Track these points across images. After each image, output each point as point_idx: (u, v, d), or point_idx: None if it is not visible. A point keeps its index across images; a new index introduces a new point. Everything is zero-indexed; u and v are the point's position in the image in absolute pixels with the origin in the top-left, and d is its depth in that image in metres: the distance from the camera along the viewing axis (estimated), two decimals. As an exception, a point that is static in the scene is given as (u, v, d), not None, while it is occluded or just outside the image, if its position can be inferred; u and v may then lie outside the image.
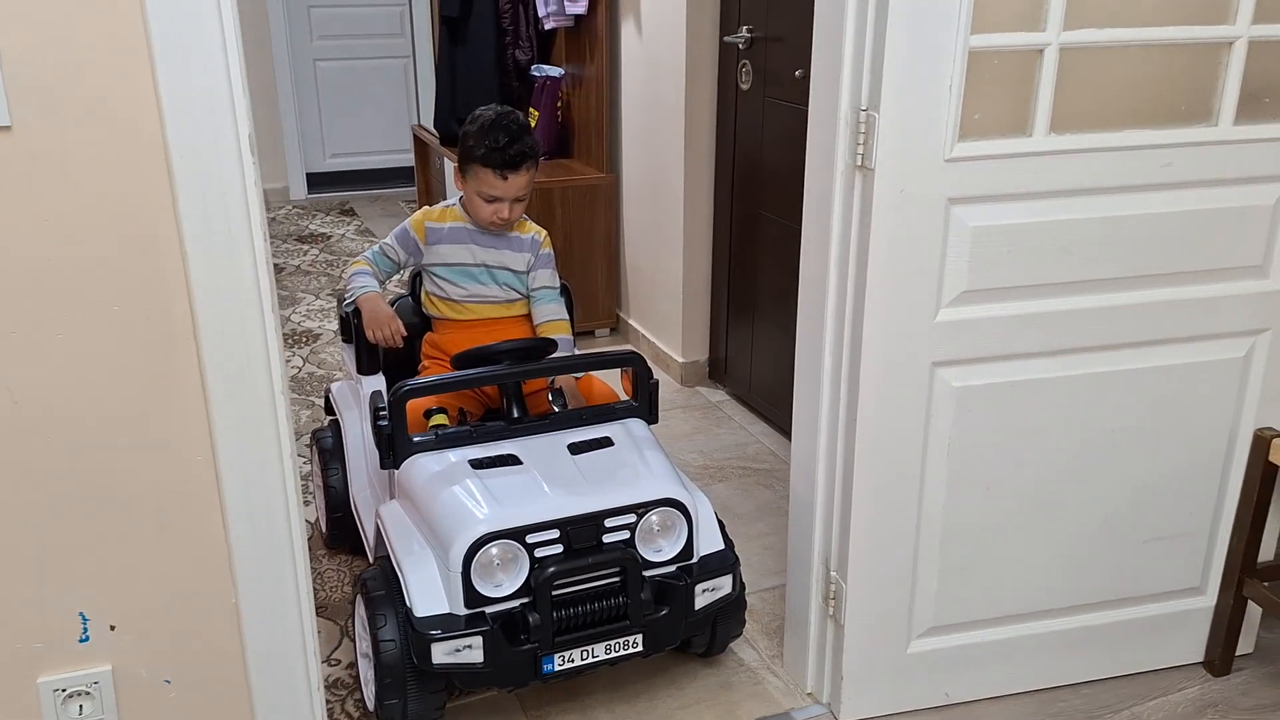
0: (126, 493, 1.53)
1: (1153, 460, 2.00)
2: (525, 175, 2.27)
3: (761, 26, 3.00)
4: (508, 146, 2.22)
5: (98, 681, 1.60)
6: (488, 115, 2.29)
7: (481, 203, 2.28)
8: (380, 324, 2.30)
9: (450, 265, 2.35)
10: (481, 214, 2.30)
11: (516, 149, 2.23)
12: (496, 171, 2.23)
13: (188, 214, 1.42)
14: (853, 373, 1.83)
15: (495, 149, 2.22)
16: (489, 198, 2.27)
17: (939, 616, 2.00)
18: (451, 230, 2.35)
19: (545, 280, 2.39)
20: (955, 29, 1.65)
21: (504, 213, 2.28)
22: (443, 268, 2.35)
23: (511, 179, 2.25)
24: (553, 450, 1.99)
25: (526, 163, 2.26)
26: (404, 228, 2.40)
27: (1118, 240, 1.84)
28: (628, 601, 1.87)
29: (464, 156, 2.29)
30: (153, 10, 1.33)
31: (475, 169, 2.26)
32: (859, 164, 1.73)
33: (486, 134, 2.24)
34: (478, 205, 2.29)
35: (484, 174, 2.25)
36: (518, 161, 2.24)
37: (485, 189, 2.26)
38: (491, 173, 2.24)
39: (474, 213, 2.32)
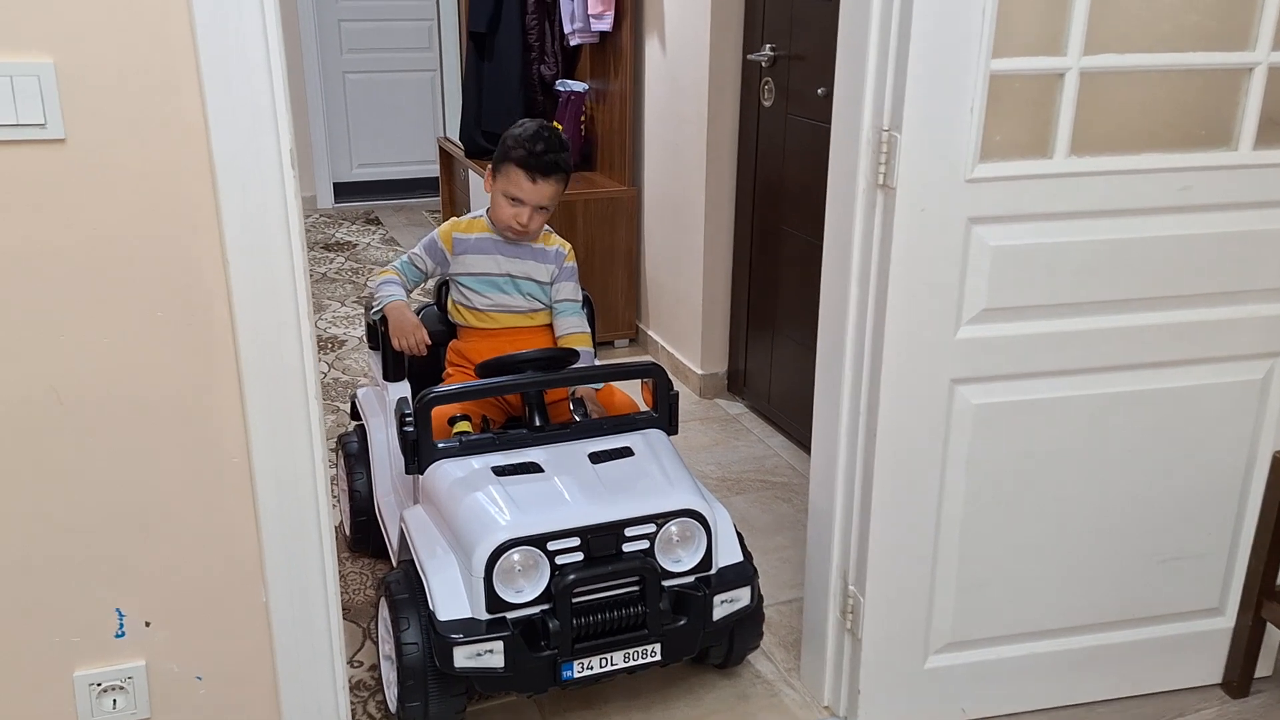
0: (164, 492, 1.57)
1: (1171, 480, 2.02)
2: (553, 186, 2.32)
3: (785, 45, 3.04)
4: (544, 153, 2.29)
5: (131, 676, 1.64)
6: (530, 125, 2.37)
7: (505, 203, 2.32)
8: (406, 333, 2.34)
9: (476, 275, 2.39)
10: (502, 214, 2.33)
11: (551, 157, 2.30)
12: (528, 174, 2.29)
13: (230, 224, 1.47)
14: (872, 388, 1.86)
15: (532, 153, 2.29)
16: (513, 198, 2.31)
17: (956, 632, 2.02)
18: (478, 241, 2.40)
19: (568, 293, 2.43)
20: (977, 52, 1.68)
21: (523, 218, 2.32)
22: (468, 277, 2.40)
23: (540, 184, 2.30)
24: (574, 459, 2.02)
25: (557, 174, 2.32)
26: (432, 238, 2.45)
27: (1137, 262, 1.86)
28: (646, 611, 1.90)
29: (499, 156, 2.35)
30: (202, 29, 1.38)
31: (508, 168, 2.32)
32: (880, 183, 1.77)
33: (526, 139, 2.31)
34: (501, 205, 2.33)
35: (515, 174, 2.30)
36: (549, 169, 2.30)
37: (513, 189, 2.31)
38: (523, 174, 2.29)
39: (495, 212, 2.36)
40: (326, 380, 3.73)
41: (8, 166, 1.37)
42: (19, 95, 1.33)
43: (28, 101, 1.34)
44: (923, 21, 1.65)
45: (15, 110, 1.34)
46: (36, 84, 1.34)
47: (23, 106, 1.34)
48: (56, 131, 1.37)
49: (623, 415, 2.19)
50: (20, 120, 1.34)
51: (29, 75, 1.33)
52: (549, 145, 2.30)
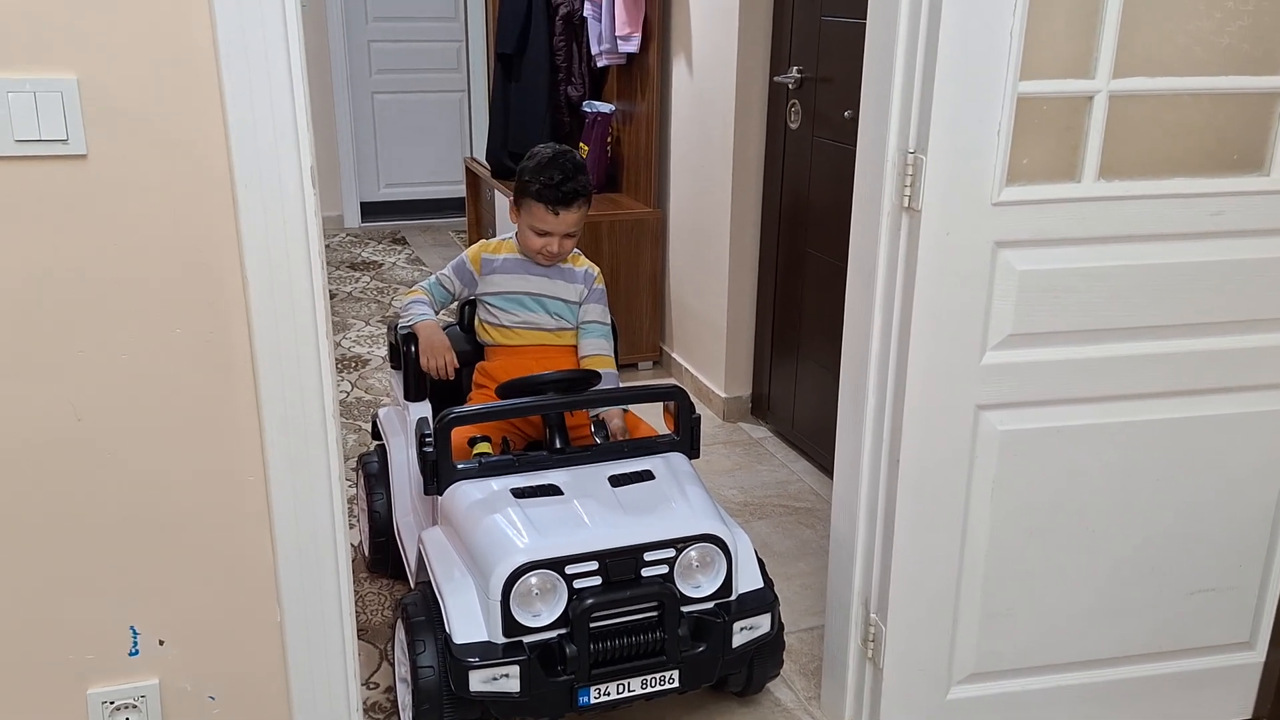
0: (180, 510, 1.57)
1: (1200, 511, 1.97)
2: (576, 212, 2.33)
3: (812, 67, 3.03)
4: (561, 184, 2.29)
5: (145, 695, 1.63)
6: (545, 153, 2.36)
7: (532, 236, 2.34)
8: (435, 353, 2.35)
9: (503, 293, 2.40)
10: (531, 246, 2.36)
11: (569, 187, 2.29)
12: (548, 207, 2.29)
13: (250, 242, 1.46)
14: (896, 413, 1.83)
15: (549, 185, 2.28)
16: (540, 232, 2.33)
17: (980, 663, 1.99)
18: (506, 261, 2.42)
19: (595, 315, 2.43)
20: (1004, 74, 1.66)
21: (553, 247, 2.34)
22: (496, 296, 2.41)
23: (563, 215, 2.30)
24: (594, 482, 2.00)
25: (578, 201, 2.32)
26: (461, 259, 2.46)
27: (1166, 288, 1.83)
28: (665, 636, 1.88)
29: (519, 190, 2.36)
30: (225, 46, 1.38)
31: (528, 203, 2.33)
32: (906, 205, 1.75)
33: (542, 170, 2.30)
34: (529, 238, 2.35)
35: (536, 208, 2.31)
36: (569, 199, 2.30)
37: (536, 223, 2.32)
38: (543, 208, 2.30)
39: (524, 245, 2.38)
40: (349, 399, 3.73)
41: (29, 182, 1.37)
42: (41, 111, 1.34)
43: (50, 117, 1.34)
44: (949, 44, 1.64)
45: (38, 126, 1.34)
46: (59, 100, 1.34)
47: (45, 122, 1.34)
48: (78, 148, 1.37)
49: (644, 438, 2.17)
50: (42, 136, 1.35)
51: (52, 91, 1.34)
52: (565, 173, 2.30)
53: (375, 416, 2.67)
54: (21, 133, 1.34)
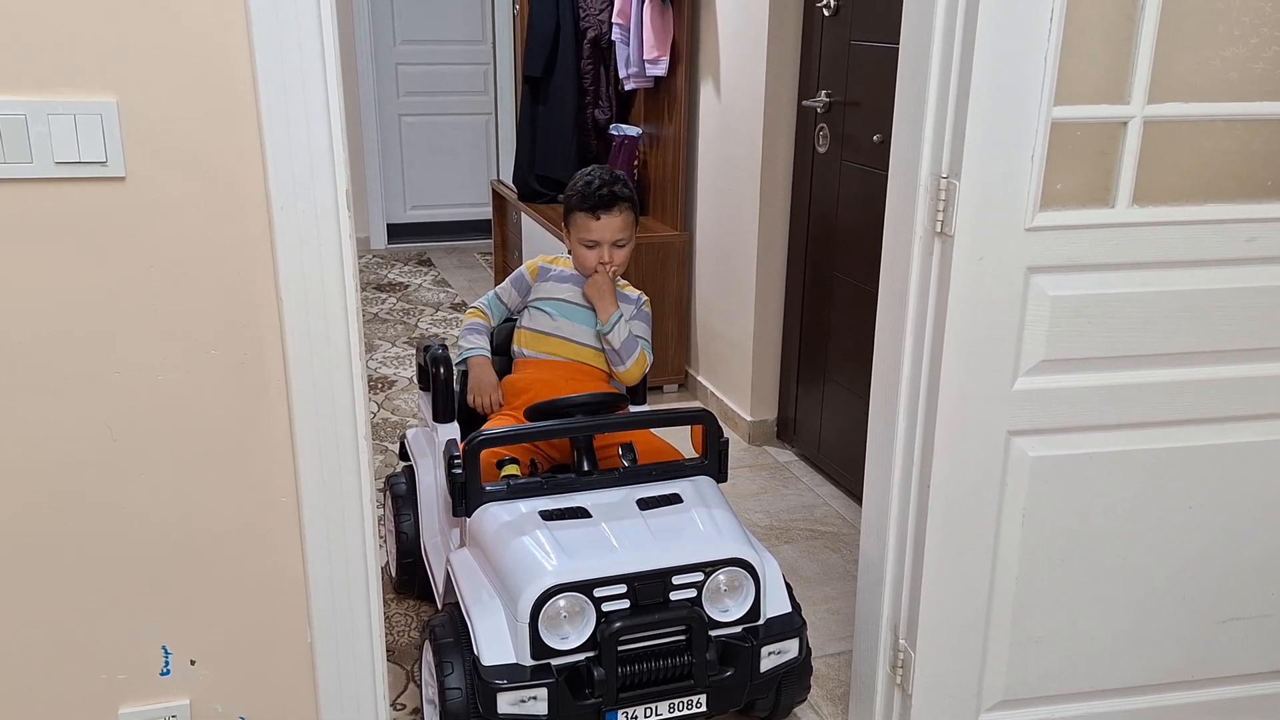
0: (213, 530, 1.58)
1: (1233, 538, 1.95)
2: (620, 215, 2.37)
3: (840, 91, 3.03)
4: (599, 188, 2.35)
5: (175, 715, 1.64)
6: (584, 171, 2.45)
7: (584, 251, 2.39)
8: (483, 391, 2.39)
9: (555, 299, 2.45)
10: (586, 262, 2.40)
11: (606, 190, 2.35)
12: (591, 213, 2.35)
13: (284, 265, 1.48)
14: (926, 439, 1.82)
15: (586, 193, 2.36)
16: (589, 243, 2.38)
17: (1010, 690, 1.97)
18: (562, 272, 2.48)
19: (639, 331, 2.46)
20: (1038, 100, 1.66)
21: (604, 256, 2.38)
22: (546, 301, 2.45)
23: (604, 218, 2.35)
24: (622, 505, 2.00)
25: (619, 204, 2.36)
26: (519, 272, 2.52)
27: (1200, 314, 1.82)
28: (692, 660, 1.87)
29: (565, 211, 2.43)
30: (263, 72, 1.40)
31: (574, 217, 2.40)
32: (938, 230, 1.74)
33: (583, 184, 2.39)
34: (582, 256, 2.41)
35: (580, 218, 2.38)
36: (609, 201, 2.35)
37: (583, 234, 2.38)
38: (587, 215, 2.36)
39: (580, 264, 2.42)
40: (376, 420, 3.74)
41: (69, 203, 1.39)
42: (81, 134, 1.36)
43: (90, 140, 1.36)
44: (983, 69, 1.63)
45: (78, 148, 1.36)
46: (99, 122, 1.36)
47: (85, 145, 1.36)
48: (117, 170, 1.39)
49: (672, 462, 2.17)
50: (82, 158, 1.36)
51: (92, 114, 1.36)
52: (602, 180, 2.37)
53: (403, 437, 2.67)
54: (62, 154, 1.36)
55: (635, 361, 2.42)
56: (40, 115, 1.33)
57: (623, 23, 3.95)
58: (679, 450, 2.32)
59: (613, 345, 2.39)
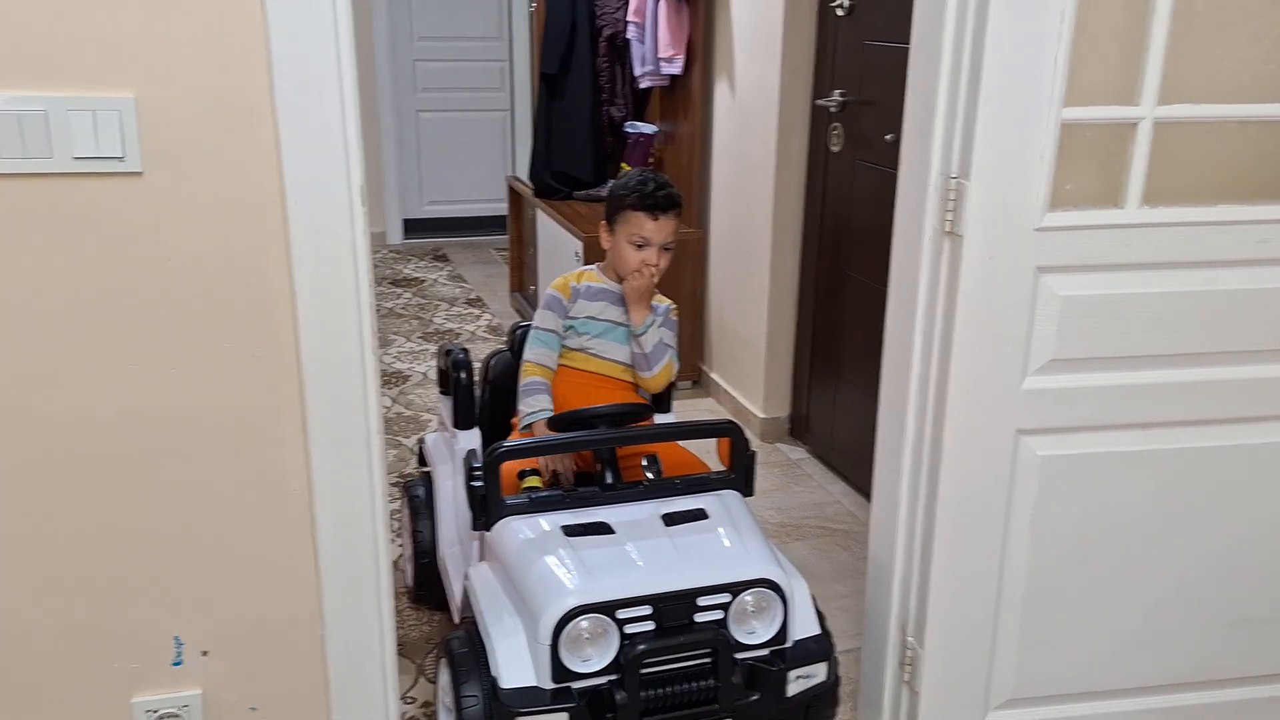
0: (226, 522, 1.60)
1: (1242, 540, 1.95)
2: (673, 220, 2.32)
3: (854, 91, 3.04)
4: (657, 190, 2.30)
5: (188, 705, 1.66)
6: (633, 172, 2.40)
7: (630, 251, 2.30)
8: (557, 459, 2.24)
9: (589, 318, 2.37)
10: (630, 261, 2.30)
11: (665, 192, 2.31)
12: (649, 213, 2.29)
13: (299, 258, 1.50)
14: (936, 437, 1.83)
15: (648, 193, 2.29)
16: (639, 242, 2.30)
17: (1018, 689, 1.97)
18: (589, 288, 2.38)
19: (668, 340, 2.40)
20: (1048, 101, 1.66)
21: (651, 258, 2.30)
22: (581, 320, 2.37)
23: (661, 220, 2.30)
24: (647, 521, 1.94)
25: (675, 208, 2.32)
26: (552, 296, 2.39)
27: (1210, 315, 1.82)
28: (718, 685, 1.80)
29: (613, 208, 2.34)
30: (279, 69, 1.42)
31: (626, 215, 2.31)
32: (948, 230, 1.75)
33: (639, 183, 2.32)
34: (625, 255, 2.31)
35: (636, 217, 2.29)
36: (667, 204, 2.30)
37: (635, 230, 2.30)
38: (644, 215, 2.29)
39: (621, 264, 2.33)
40: (390, 415, 3.77)
41: (86, 198, 1.41)
42: (100, 129, 1.38)
43: (108, 136, 1.39)
44: (993, 70, 1.64)
45: (96, 144, 1.38)
46: (117, 119, 1.38)
47: (103, 140, 1.39)
48: (134, 165, 1.41)
49: (697, 475, 2.11)
50: (100, 153, 1.39)
51: (110, 110, 1.38)
52: (659, 183, 2.32)
53: (421, 442, 2.64)
54: (80, 150, 1.38)
55: (663, 369, 2.36)
56: (60, 111, 1.36)
57: (638, 21, 3.96)
58: (702, 459, 2.29)
59: (644, 349, 2.33)
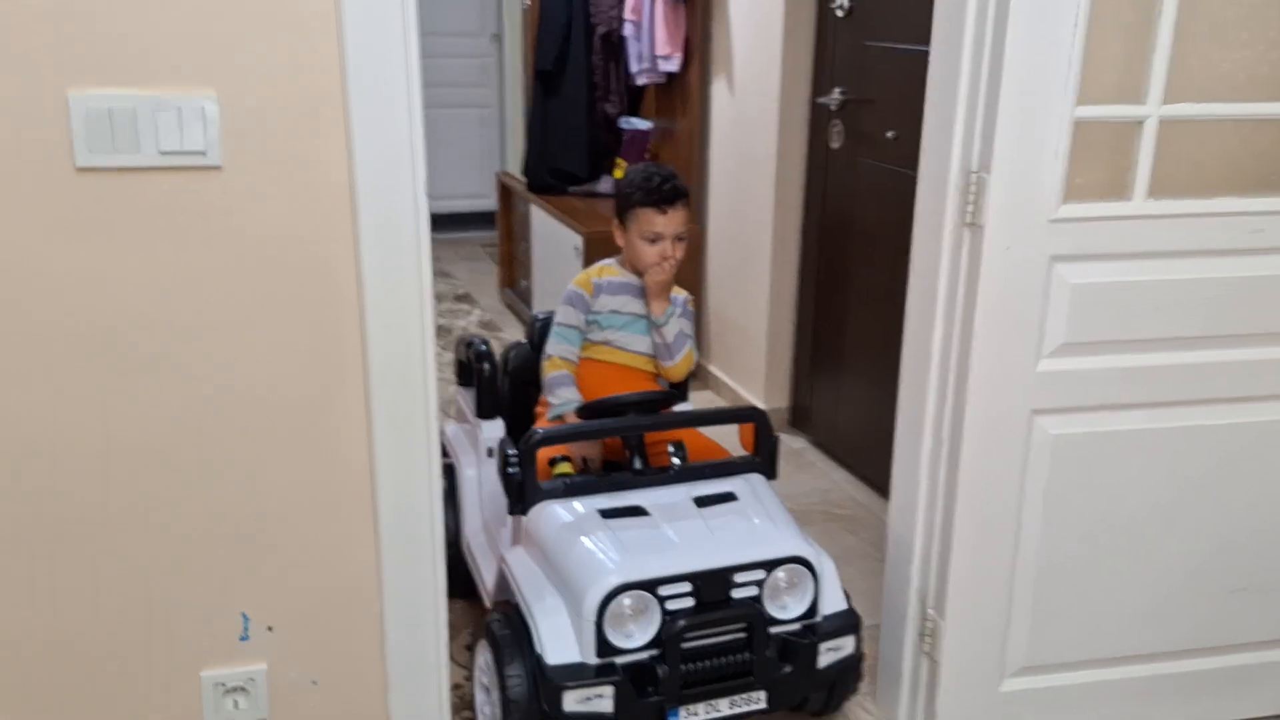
0: (293, 502, 1.67)
1: (1240, 513, 2.07)
2: (682, 211, 2.40)
3: (854, 89, 3.14)
4: (662, 184, 2.37)
5: (253, 679, 1.73)
6: (637, 168, 2.47)
7: (645, 246, 2.38)
8: (583, 447, 2.32)
9: (613, 312, 2.44)
10: (646, 257, 2.38)
11: (671, 185, 2.38)
12: (657, 208, 2.36)
13: (367, 249, 1.58)
14: (956, 418, 1.93)
15: (653, 188, 2.37)
16: (652, 237, 2.37)
17: (1031, 657, 2.08)
18: (611, 283, 2.45)
19: (687, 330, 2.47)
20: (1063, 100, 1.77)
21: (666, 250, 2.37)
22: (605, 315, 2.44)
23: (670, 213, 2.37)
24: (680, 503, 2.03)
25: (681, 199, 2.40)
26: (574, 292, 2.46)
27: (1210, 300, 1.93)
28: (753, 658, 1.89)
29: (623, 207, 2.42)
30: (352, 69, 1.50)
31: (636, 212, 2.39)
32: (968, 222, 1.85)
33: (644, 179, 2.40)
34: (641, 251, 2.39)
35: (645, 213, 2.37)
36: (673, 196, 2.38)
37: (646, 227, 2.37)
38: (653, 210, 2.37)
39: (638, 260, 2.41)
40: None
41: (170, 190, 1.49)
42: (184, 125, 1.45)
43: (191, 131, 1.46)
44: (1012, 71, 1.74)
45: (181, 139, 1.46)
46: (201, 115, 1.45)
47: (187, 135, 1.46)
48: (215, 159, 1.49)
49: (725, 460, 2.20)
50: (184, 148, 1.46)
51: (195, 107, 1.45)
52: (664, 177, 2.39)
53: (441, 433, 2.65)
54: (166, 144, 1.45)
55: (684, 358, 2.44)
56: (149, 108, 1.43)
57: (635, 19, 4.04)
58: (724, 447, 2.37)
59: (665, 339, 2.41)
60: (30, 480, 1.55)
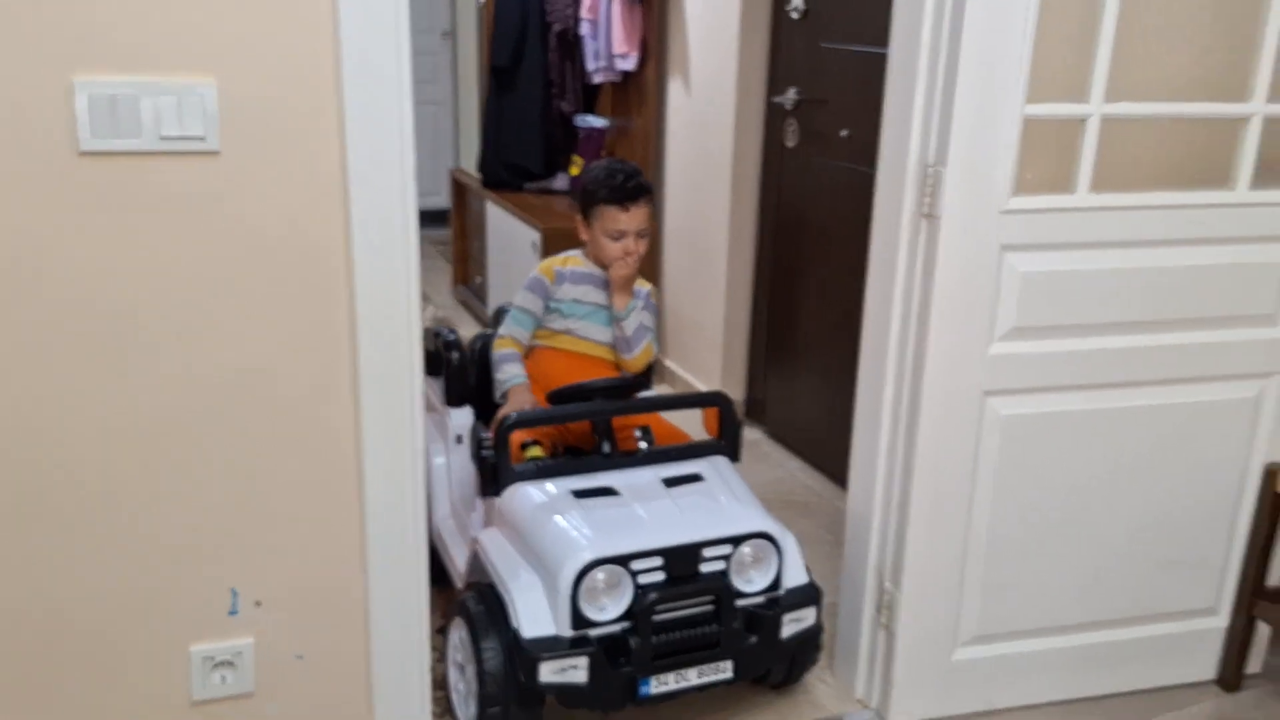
0: (282, 483, 1.72)
1: (1172, 489, 2.21)
2: (645, 207, 2.46)
3: (809, 89, 3.24)
4: (625, 181, 2.44)
5: (241, 653, 1.77)
6: (600, 164, 2.52)
7: (608, 242, 2.44)
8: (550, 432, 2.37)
9: (575, 301, 2.49)
10: (611, 254, 2.44)
11: (634, 182, 2.44)
12: (619, 205, 2.42)
13: (358, 232, 1.63)
14: (914, 399, 2.03)
15: (616, 186, 2.43)
16: (615, 234, 2.43)
17: (982, 627, 2.19)
18: (575, 272, 2.51)
19: (648, 323, 2.54)
20: (1014, 98, 1.88)
21: (630, 245, 2.43)
22: (563, 302, 2.50)
23: (633, 210, 2.43)
24: (648, 484, 2.11)
25: (644, 195, 2.46)
26: (536, 278, 2.52)
27: (1147, 288, 2.06)
28: (721, 629, 1.98)
29: (586, 203, 2.47)
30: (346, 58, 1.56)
31: (599, 209, 2.44)
32: (925, 213, 1.96)
33: (606, 176, 2.45)
34: (605, 247, 2.44)
35: (608, 210, 2.43)
36: (636, 193, 2.44)
37: (610, 225, 2.43)
38: (615, 207, 2.42)
39: (602, 256, 2.46)
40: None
41: (169, 174, 1.53)
42: (184, 112, 1.50)
43: (191, 117, 1.51)
44: (967, 70, 1.86)
45: (180, 124, 1.50)
46: (200, 102, 1.50)
47: (186, 121, 1.51)
48: (213, 145, 1.53)
49: (691, 443, 2.29)
50: (184, 134, 1.51)
51: (195, 94, 1.50)
52: (628, 174, 2.45)
53: None
54: (167, 130, 1.50)
55: (643, 351, 2.50)
56: (151, 94, 1.48)
57: (592, 18, 4.11)
58: (687, 432, 2.44)
59: (625, 333, 2.47)
60: (27, 459, 1.59)
